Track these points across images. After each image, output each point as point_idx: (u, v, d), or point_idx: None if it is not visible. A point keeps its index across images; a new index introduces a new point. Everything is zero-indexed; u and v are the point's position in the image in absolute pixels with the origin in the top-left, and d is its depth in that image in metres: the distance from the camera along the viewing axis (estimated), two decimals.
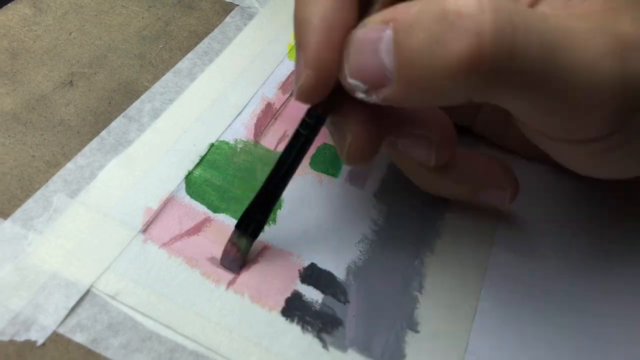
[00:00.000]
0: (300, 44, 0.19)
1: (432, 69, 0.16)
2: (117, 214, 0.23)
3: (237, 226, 0.22)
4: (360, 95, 0.18)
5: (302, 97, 0.19)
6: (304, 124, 0.20)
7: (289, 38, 0.32)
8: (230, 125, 0.27)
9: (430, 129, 0.21)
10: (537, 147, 0.22)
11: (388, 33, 0.17)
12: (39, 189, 0.23)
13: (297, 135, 0.21)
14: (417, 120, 0.22)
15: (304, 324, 0.21)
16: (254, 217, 0.22)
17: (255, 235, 0.22)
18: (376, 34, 0.17)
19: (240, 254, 0.22)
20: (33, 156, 0.24)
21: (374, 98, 0.18)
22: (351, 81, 0.18)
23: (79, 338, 0.19)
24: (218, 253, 0.22)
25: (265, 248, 0.23)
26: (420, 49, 0.16)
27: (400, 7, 0.17)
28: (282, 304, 0.22)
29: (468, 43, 0.15)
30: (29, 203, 0.22)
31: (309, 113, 0.20)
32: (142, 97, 0.27)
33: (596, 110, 0.17)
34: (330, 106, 0.20)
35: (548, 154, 0.21)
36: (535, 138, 0.21)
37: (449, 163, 0.23)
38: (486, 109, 0.28)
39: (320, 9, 0.18)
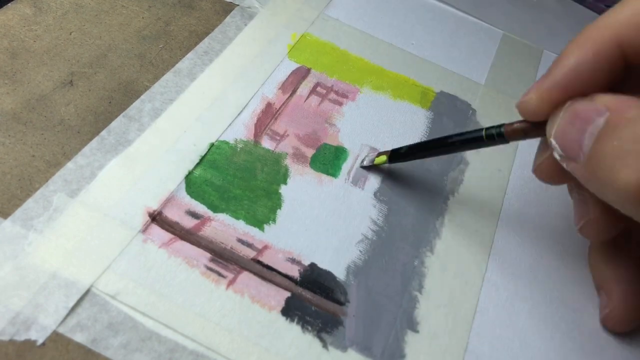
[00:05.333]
0: (550, 68, 0.20)
1: (611, 181, 0.17)
2: (117, 214, 0.23)
3: (392, 151, 0.26)
4: (555, 155, 0.19)
5: (519, 106, 0.21)
6: (491, 128, 0.22)
7: (289, 38, 0.32)
8: (230, 125, 0.27)
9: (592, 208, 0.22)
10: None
11: (599, 121, 0.17)
12: (39, 188, 0.23)
13: (477, 130, 0.23)
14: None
15: (304, 323, 0.21)
16: (402, 152, 0.25)
17: (391, 159, 0.26)
18: (591, 114, 0.18)
19: (373, 162, 0.27)
20: (33, 156, 0.24)
21: (564, 165, 0.19)
22: (552, 140, 0.19)
23: (79, 338, 0.19)
24: (218, 253, 0.22)
25: (265, 248, 0.23)
26: (615, 153, 0.17)
27: (624, 100, 0.17)
28: (282, 303, 0.22)
29: None
30: (29, 203, 0.22)
31: (499, 127, 0.22)
32: (142, 96, 0.27)
33: None
34: (511, 137, 0.22)
35: None
36: None
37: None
38: None
39: (579, 56, 0.19)
